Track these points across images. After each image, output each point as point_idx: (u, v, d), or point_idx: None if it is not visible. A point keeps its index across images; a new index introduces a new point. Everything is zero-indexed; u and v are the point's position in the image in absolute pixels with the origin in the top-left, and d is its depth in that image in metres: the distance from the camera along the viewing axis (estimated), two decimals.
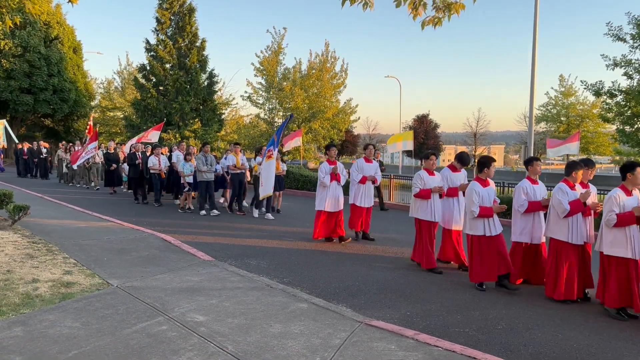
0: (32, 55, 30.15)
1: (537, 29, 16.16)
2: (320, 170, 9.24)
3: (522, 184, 6.72)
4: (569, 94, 37.90)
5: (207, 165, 12.20)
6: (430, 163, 7.71)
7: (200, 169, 12.16)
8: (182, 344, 4.18)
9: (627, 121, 20.54)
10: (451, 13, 5.04)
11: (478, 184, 6.56)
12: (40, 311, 4.91)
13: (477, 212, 6.35)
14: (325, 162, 9.28)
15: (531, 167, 6.81)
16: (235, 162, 12.76)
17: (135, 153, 14.66)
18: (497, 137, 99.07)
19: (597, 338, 4.81)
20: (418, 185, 7.48)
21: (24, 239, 8.27)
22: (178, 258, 7.41)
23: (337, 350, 4.16)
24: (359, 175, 9.45)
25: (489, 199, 6.52)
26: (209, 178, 12.38)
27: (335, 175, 9.16)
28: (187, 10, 29.27)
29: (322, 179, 9.12)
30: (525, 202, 6.55)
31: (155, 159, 13.82)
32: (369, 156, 9.69)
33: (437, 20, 5.07)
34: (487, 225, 6.42)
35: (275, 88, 28.72)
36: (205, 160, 12.21)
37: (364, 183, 9.42)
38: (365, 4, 4.99)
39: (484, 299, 6.03)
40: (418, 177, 7.54)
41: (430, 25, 5.10)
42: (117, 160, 16.83)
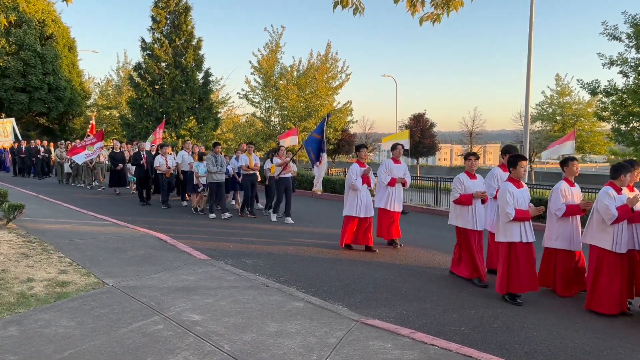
0: (27, 54, 30.00)
1: (533, 28, 16.19)
2: (350, 172, 8.53)
3: (559, 186, 6.32)
4: (565, 93, 38.00)
5: (217, 166, 11.73)
6: (469, 164, 6.96)
7: (210, 169, 11.69)
8: (178, 343, 4.17)
9: (623, 120, 20.60)
10: (450, 10, 5.01)
11: (511, 184, 5.97)
12: (36, 310, 4.89)
13: (512, 214, 5.78)
14: (356, 164, 8.58)
15: (567, 168, 6.38)
16: (248, 162, 12.24)
17: (140, 152, 14.21)
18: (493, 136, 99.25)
19: (593, 337, 4.83)
20: (458, 191, 6.82)
21: (19, 238, 8.23)
22: (174, 257, 7.40)
23: (333, 349, 4.16)
24: (387, 177, 8.82)
25: (524, 202, 5.95)
26: (219, 179, 11.87)
27: (366, 178, 8.51)
28: (183, 9, 29.17)
29: (354, 182, 8.39)
30: (564, 205, 6.16)
31: (162, 159, 13.31)
32: (397, 157, 9.09)
33: (435, 16, 5.03)
34: (524, 230, 5.88)
35: (272, 87, 28.69)
36: (215, 161, 11.75)
37: (393, 185, 8.80)
38: (356, 9, 4.97)
39: (479, 298, 6.05)
40: (458, 182, 6.87)
41: (429, 21, 5.07)
42: (123, 159, 16.28)
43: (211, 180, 11.81)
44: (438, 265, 7.65)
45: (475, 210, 6.73)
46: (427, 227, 11.18)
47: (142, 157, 14.02)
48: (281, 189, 11.51)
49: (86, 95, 38.38)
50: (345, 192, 8.67)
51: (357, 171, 8.46)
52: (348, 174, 8.58)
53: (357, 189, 8.39)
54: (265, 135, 29.67)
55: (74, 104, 34.28)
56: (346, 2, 4.88)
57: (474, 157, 7.02)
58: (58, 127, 36.01)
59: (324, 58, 28.98)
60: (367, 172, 8.47)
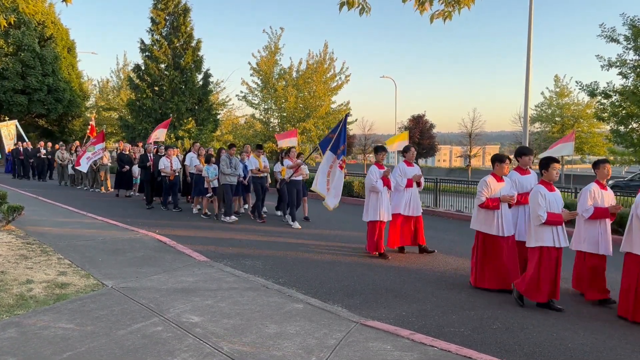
0: (26, 55, 30.00)
1: (532, 30, 16.22)
2: (370, 174, 8.20)
3: (589, 188, 6.13)
4: (564, 95, 38.06)
5: (231, 168, 11.26)
6: (501, 168, 6.50)
7: (224, 172, 11.20)
8: (177, 345, 4.17)
9: (622, 121, 20.64)
10: (461, 7, 4.95)
11: (543, 187, 5.73)
12: (35, 312, 4.89)
13: (544, 217, 5.54)
14: (374, 166, 8.32)
15: (598, 170, 6.19)
16: (257, 165, 11.82)
17: (147, 154, 13.82)
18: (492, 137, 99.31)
19: (592, 338, 4.83)
20: (484, 194, 6.38)
21: (18, 239, 8.23)
22: (173, 259, 7.39)
23: (332, 350, 4.16)
24: (403, 179, 8.46)
25: (556, 205, 5.70)
26: (233, 182, 11.40)
27: (387, 180, 8.21)
28: (182, 10, 29.24)
29: (374, 184, 8.04)
30: (592, 207, 5.99)
31: (167, 161, 12.95)
32: (410, 160, 8.73)
33: (447, 14, 4.96)
34: (556, 234, 5.62)
35: (271, 88, 28.69)
36: (229, 163, 11.28)
37: (411, 186, 8.49)
38: (363, 9, 4.96)
39: (479, 299, 6.05)
40: (484, 184, 6.42)
41: (440, 18, 5.02)
42: (130, 161, 15.93)
43: (224, 182, 11.33)
44: (438, 267, 7.65)
45: (503, 214, 6.35)
46: (426, 228, 11.12)
47: (149, 159, 13.69)
48: (293, 192, 11.21)
49: (85, 96, 38.38)
50: (366, 196, 8.34)
51: (377, 173, 8.18)
52: (367, 177, 8.28)
53: (378, 190, 8.08)
54: (264, 136, 29.65)
55: (73, 106, 34.27)
56: (352, 3, 4.88)
57: (509, 161, 6.60)
58: (57, 128, 36.00)
59: (322, 59, 28.98)
60: (386, 173, 8.22)
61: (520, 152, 7.02)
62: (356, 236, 9.94)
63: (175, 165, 13.07)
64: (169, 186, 13.13)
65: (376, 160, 8.56)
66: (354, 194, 16.31)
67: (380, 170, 8.24)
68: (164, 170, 12.91)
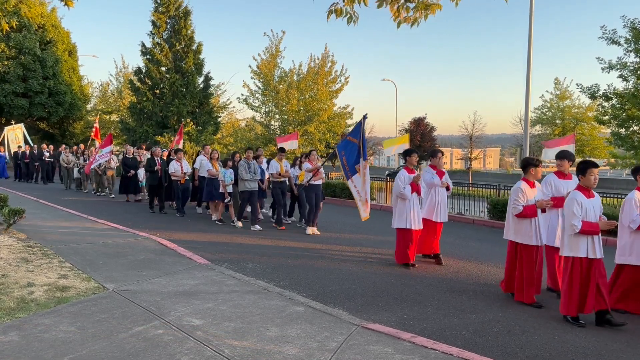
0: (27, 58, 30.05)
1: (532, 32, 16.24)
2: (398, 179, 7.80)
3: (632, 196, 5.78)
4: (564, 97, 38.07)
5: (250, 173, 10.75)
6: (534, 172, 6.16)
7: (243, 177, 10.69)
8: (178, 348, 4.17)
9: (622, 124, 20.62)
10: (427, 13, 5.03)
11: (580, 193, 5.36)
12: (36, 315, 4.89)
13: (578, 226, 5.21)
14: (404, 170, 7.89)
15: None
16: (278, 169, 11.28)
17: (154, 158, 13.22)
18: (493, 139, 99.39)
19: (594, 340, 4.82)
20: (520, 203, 5.97)
21: (19, 242, 8.23)
22: (174, 262, 7.39)
23: (334, 353, 4.15)
24: (435, 178, 8.16)
25: (594, 213, 5.34)
26: (253, 187, 10.87)
27: (416, 186, 7.80)
28: (183, 13, 29.29)
29: (402, 191, 7.68)
30: (639, 217, 5.65)
31: (177, 164, 12.54)
32: (437, 165, 8.32)
33: (414, 20, 5.06)
34: (591, 244, 5.29)
35: (272, 91, 28.71)
36: (248, 167, 10.76)
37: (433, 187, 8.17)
38: (350, 18, 4.98)
39: (480, 302, 6.04)
40: (519, 192, 6.01)
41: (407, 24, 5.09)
42: (135, 165, 15.45)
43: (243, 189, 10.85)
44: (439, 270, 7.64)
45: (538, 222, 6.02)
46: None
47: (156, 163, 13.12)
48: (311, 197, 10.70)
49: (86, 99, 38.44)
50: (393, 202, 7.96)
51: (406, 178, 7.78)
52: (395, 182, 7.88)
53: (406, 197, 7.68)
54: (265, 139, 29.67)
55: (74, 109, 34.34)
56: (340, 12, 4.89)
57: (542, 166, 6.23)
58: (58, 131, 36.07)
59: (322, 61, 29.00)
60: (416, 179, 7.77)
61: (562, 156, 6.68)
62: (357, 239, 9.94)
63: (185, 168, 12.72)
64: (181, 190, 12.69)
65: (406, 164, 8.11)
66: None
67: (409, 175, 7.82)
68: (174, 174, 12.52)
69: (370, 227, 10.96)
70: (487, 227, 12.17)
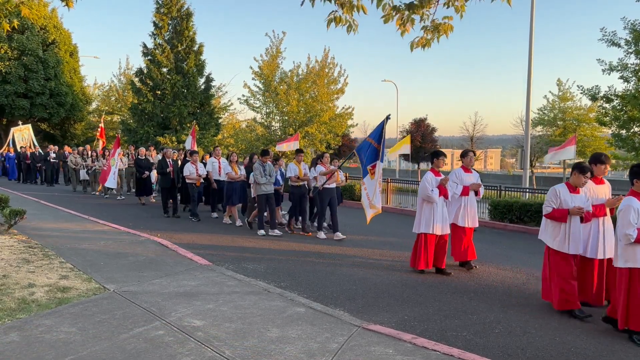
0: (30, 59, 30.09)
1: (533, 33, 16.25)
2: (424, 182, 7.46)
3: None
4: (566, 98, 38.04)
5: (265, 176, 10.32)
6: (575, 178, 5.72)
7: (259, 180, 10.24)
8: (179, 349, 4.17)
9: (623, 125, 20.62)
10: (440, 34, 4.98)
11: (636, 200, 5.01)
12: (37, 316, 4.89)
13: (634, 236, 4.84)
14: (430, 173, 7.54)
15: None
16: (297, 172, 10.73)
17: (165, 160, 12.94)
18: (494, 141, 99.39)
19: (595, 342, 4.81)
20: (551, 204, 5.73)
21: (20, 243, 8.23)
22: (175, 262, 7.39)
23: (334, 354, 4.15)
24: (459, 186, 7.74)
25: None
26: (269, 191, 10.40)
27: (443, 189, 7.47)
28: (185, 14, 29.33)
29: (430, 194, 7.33)
30: None
31: (192, 167, 12.14)
32: (467, 165, 7.96)
33: (425, 41, 5.02)
34: None
35: (273, 92, 28.73)
36: (263, 170, 10.32)
37: (467, 194, 7.77)
38: (350, 27, 4.98)
39: (481, 303, 6.03)
40: (553, 194, 5.75)
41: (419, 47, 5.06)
42: (149, 166, 15.13)
43: (260, 192, 10.37)
44: None
45: (570, 228, 5.63)
46: None
47: (168, 165, 12.84)
48: (325, 201, 10.24)
49: (88, 100, 38.47)
50: (418, 205, 7.62)
51: (433, 181, 7.44)
52: (422, 184, 7.53)
53: (433, 201, 7.36)
54: (266, 140, 29.68)
55: (75, 110, 34.37)
56: (339, 20, 4.89)
57: (589, 174, 5.73)
58: (59, 132, 36.09)
59: (323, 63, 29.01)
60: (444, 182, 7.47)
61: (597, 160, 6.12)
62: (357, 240, 9.94)
63: (200, 170, 12.32)
64: (196, 193, 12.32)
65: (433, 166, 7.70)
66: (355, 197, 16.31)
67: (436, 178, 7.49)
68: (189, 176, 12.13)
69: (370, 229, 10.94)
70: (488, 227, 12.16)
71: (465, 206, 7.75)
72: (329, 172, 10.31)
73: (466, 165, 7.97)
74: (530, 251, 9.29)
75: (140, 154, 15.59)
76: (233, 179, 11.56)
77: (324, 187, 10.13)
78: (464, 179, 7.84)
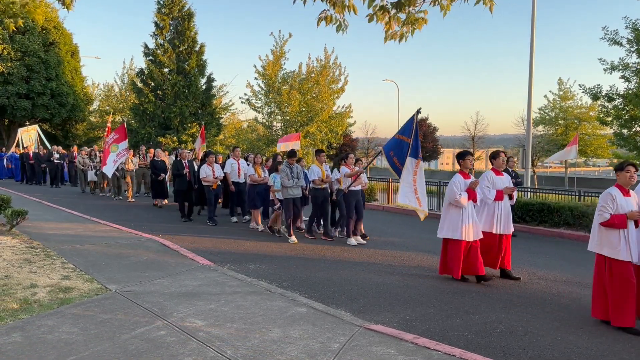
0: (32, 60, 30.13)
1: (535, 33, 16.22)
2: (452, 185, 6.93)
3: None
4: (567, 97, 37.99)
5: (293, 179, 9.76)
6: (626, 178, 5.36)
7: (285, 183, 9.68)
8: (180, 349, 4.17)
9: (625, 124, 20.61)
10: (414, 28, 5.01)
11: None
12: (39, 316, 4.90)
13: None
14: (458, 175, 7.05)
15: None
16: (320, 174, 10.07)
17: (181, 161, 12.39)
18: (495, 140, 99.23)
19: (597, 342, 4.81)
20: (608, 210, 5.26)
21: (22, 244, 8.25)
22: (177, 263, 7.40)
23: (336, 354, 4.15)
24: (492, 191, 7.12)
25: None
26: (296, 195, 9.87)
27: (473, 193, 6.93)
28: (186, 14, 29.36)
29: (458, 198, 6.80)
30: None
31: (209, 168, 11.67)
32: (498, 167, 7.34)
33: (401, 35, 5.04)
34: None
35: (275, 92, 28.74)
36: (290, 173, 9.76)
37: (501, 199, 7.15)
38: (339, 26, 4.97)
39: (483, 303, 6.03)
40: (609, 198, 5.29)
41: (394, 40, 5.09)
42: (165, 168, 14.70)
43: (287, 196, 9.82)
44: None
45: (629, 235, 5.25)
46: (429, 231, 11.14)
47: (184, 167, 12.28)
48: (351, 204, 9.70)
49: (89, 100, 38.48)
50: (444, 209, 7.15)
51: (462, 184, 6.95)
52: (449, 187, 7.00)
53: (462, 206, 6.84)
54: (267, 140, 29.69)
55: (76, 110, 34.37)
56: (330, 19, 4.89)
57: (633, 169, 5.38)
58: (61, 133, 36.11)
59: (325, 63, 29.01)
60: (473, 185, 6.92)
61: None
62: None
63: (217, 172, 11.83)
64: (213, 196, 11.80)
65: (461, 167, 7.17)
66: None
67: (465, 181, 6.99)
68: (205, 179, 11.64)
69: (372, 229, 10.95)
70: None
71: (498, 212, 7.13)
72: (354, 174, 9.76)
73: (497, 168, 7.36)
74: (531, 251, 9.29)
75: (157, 155, 15.10)
76: (256, 182, 11.03)
77: (349, 190, 9.66)
78: (496, 182, 7.22)
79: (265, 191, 10.94)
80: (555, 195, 13.02)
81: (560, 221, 11.52)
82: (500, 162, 7.32)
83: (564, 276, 7.44)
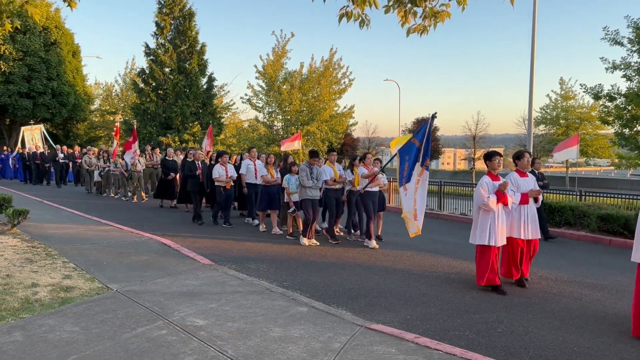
0: (33, 59, 30.15)
1: (536, 32, 16.19)
2: (479, 188, 6.50)
3: None
4: (569, 97, 37.97)
5: (312, 180, 9.48)
6: None
7: (305, 183, 9.39)
8: (181, 348, 4.18)
9: (626, 124, 20.59)
10: (437, 21, 4.99)
11: None
12: (40, 316, 4.90)
13: None
14: (487, 177, 6.60)
15: None
16: (333, 174, 9.90)
17: (194, 162, 12.15)
18: (497, 140, 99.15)
19: (598, 341, 4.81)
20: None
21: (23, 243, 8.26)
22: (177, 262, 7.40)
23: (337, 354, 4.15)
24: (517, 194, 6.70)
25: None
26: (315, 196, 9.57)
27: (502, 195, 6.44)
28: (187, 14, 29.38)
29: (487, 201, 6.35)
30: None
31: (222, 168, 11.22)
32: (523, 169, 6.92)
33: (423, 28, 5.03)
34: None
35: (275, 92, 28.75)
36: (310, 173, 9.49)
37: (527, 203, 6.76)
38: (362, 22, 4.96)
39: (483, 302, 6.03)
40: None
41: (417, 33, 5.08)
42: (176, 168, 14.48)
43: (305, 197, 9.50)
44: (442, 270, 7.63)
45: None
46: (430, 231, 11.14)
47: (197, 167, 12.02)
48: (368, 205, 9.46)
49: (90, 100, 38.49)
50: (475, 214, 6.72)
51: (490, 186, 6.50)
52: (477, 190, 6.55)
53: (491, 209, 6.39)
54: (268, 139, 29.72)
55: (77, 110, 34.38)
56: (351, 15, 4.89)
57: None
58: (62, 132, 36.11)
59: (328, 63, 29.01)
60: (502, 187, 6.43)
61: None
62: (359, 240, 9.92)
63: (230, 172, 11.43)
64: (224, 198, 11.36)
65: (489, 169, 6.71)
66: None
67: (493, 183, 6.54)
68: (218, 179, 11.20)
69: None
70: None
71: (523, 216, 6.74)
72: (371, 175, 9.51)
73: (521, 169, 6.93)
74: None
75: (168, 154, 14.97)
76: (269, 183, 10.76)
77: (365, 191, 9.40)
78: (521, 184, 6.81)
79: (276, 193, 10.77)
80: (557, 195, 13.01)
81: (561, 221, 11.51)
82: (524, 162, 6.89)
83: (564, 276, 7.44)
